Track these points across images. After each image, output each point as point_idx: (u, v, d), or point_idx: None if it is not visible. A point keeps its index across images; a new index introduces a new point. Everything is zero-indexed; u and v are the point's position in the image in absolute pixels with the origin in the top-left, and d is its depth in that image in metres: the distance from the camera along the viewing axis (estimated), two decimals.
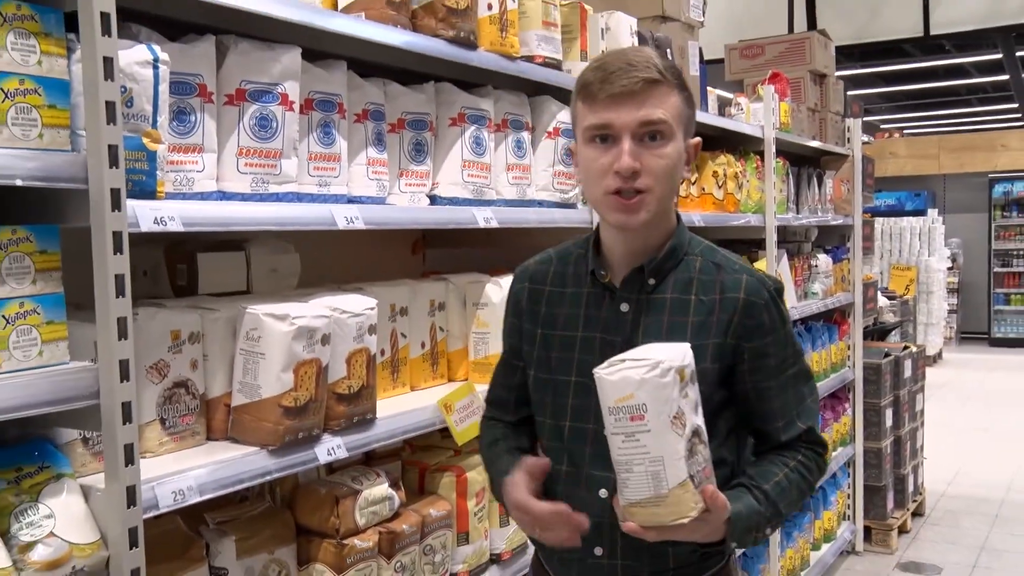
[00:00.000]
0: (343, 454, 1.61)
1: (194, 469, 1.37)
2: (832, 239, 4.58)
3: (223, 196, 1.53)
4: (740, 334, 1.36)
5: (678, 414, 1.19)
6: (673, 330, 1.36)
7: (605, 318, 1.41)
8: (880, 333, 5.36)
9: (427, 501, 1.88)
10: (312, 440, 1.57)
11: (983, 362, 10.76)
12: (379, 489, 1.72)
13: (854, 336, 4.46)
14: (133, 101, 1.31)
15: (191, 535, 1.52)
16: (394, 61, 1.97)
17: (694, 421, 1.22)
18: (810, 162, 4.29)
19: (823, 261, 4.12)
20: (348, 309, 1.64)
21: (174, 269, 1.75)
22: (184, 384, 1.50)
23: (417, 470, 2.01)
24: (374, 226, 1.70)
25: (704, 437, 1.25)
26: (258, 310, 1.51)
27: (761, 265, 3.40)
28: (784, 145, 3.75)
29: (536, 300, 1.49)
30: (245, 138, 1.55)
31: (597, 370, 1.23)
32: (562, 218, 2.25)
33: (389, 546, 1.71)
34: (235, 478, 1.42)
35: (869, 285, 4.73)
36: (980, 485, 5.56)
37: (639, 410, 1.18)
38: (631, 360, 1.21)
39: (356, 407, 1.66)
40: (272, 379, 1.50)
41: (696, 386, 1.25)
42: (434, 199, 1.98)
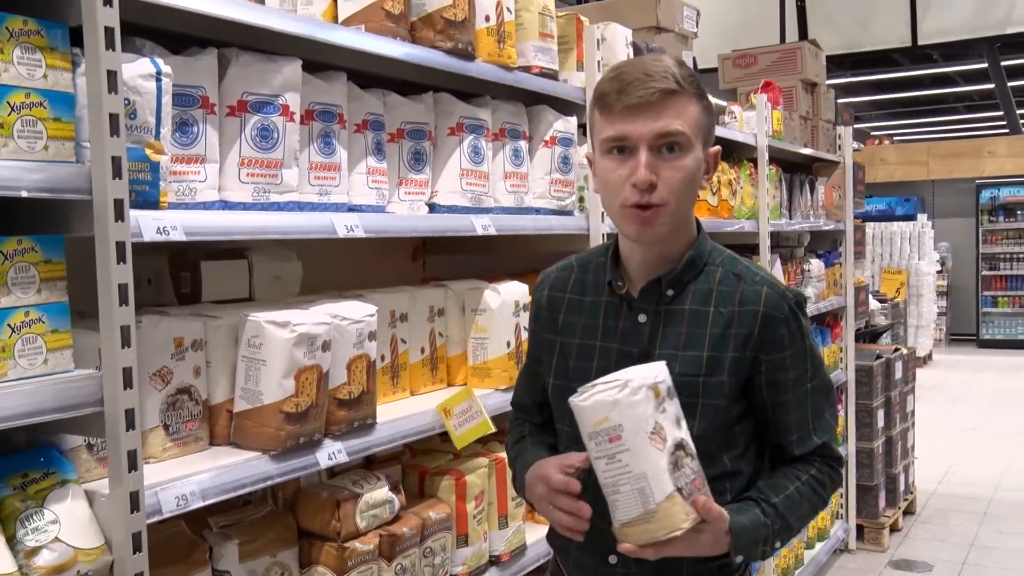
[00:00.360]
0: (344, 458, 1.63)
1: (197, 474, 1.38)
2: (824, 244, 4.61)
3: (225, 205, 1.54)
4: (759, 347, 1.33)
5: (656, 429, 1.19)
6: (691, 341, 1.34)
7: (623, 329, 1.39)
8: (871, 336, 5.39)
9: (427, 504, 1.89)
10: (313, 445, 1.58)
11: (972, 363, 10.81)
12: (379, 492, 1.74)
13: (846, 339, 4.49)
14: (136, 113, 1.33)
15: (195, 539, 1.53)
16: (393, 72, 1.99)
17: (676, 435, 1.21)
18: (802, 169, 4.33)
19: (815, 266, 4.15)
20: (348, 316, 1.66)
21: (178, 277, 1.76)
22: (187, 390, 1.51)
23: (417, 473, 2.02)
24: (374, 234, 1.72)
25: (691, 450, 1.23)
26: (259, 317, 1.53)
27: None
28: (777, 152, 3.78)
29: (555, 308, 1.48)
30: (247, 148, 1.56)
31: (572, 399, 1.23)
32: (559, 225, 2.27)
33: (389, 548, 1.73)
34: (237, 483, 1.43)
35: (860, 289, 4.76)
36: (969, 484, 5.59)
37: (616, 431, 1.18)
38: (602, 384, 1.21)
39: (356, 412, 1.68)
40: (273, 385, 1.51)
41: (676, 400, 1.24)
42: (433, 207, 2.00)
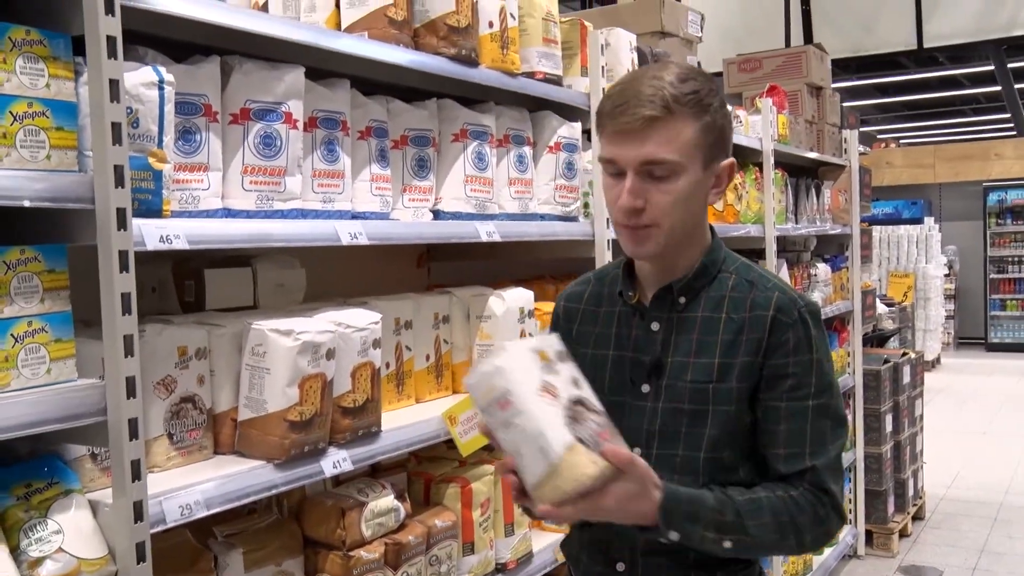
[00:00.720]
0: (349, 467, 1.62)
1: (201, 483, 1.38)
2: (831, 248, 4.60)
3: (228, 213, 1.54)
4: (766, 352, 1.32)
5: (545, 387, 1.18)
6: (702, 348, 1.34)
7: (636, 337, 1.40)
8: (879, 340, 5.37)
9: (432, 512, 1.89)
10: (318, 453, 1.58)
11: (980, 367, 10.77)
12: (385, 501, 1.73)
13: (853, 343, 4.47)
14: (139, 122, 1.32)
15: (200, 548, 1.53)
16: (397, 79, 1.99)
17: (573, 392, 1.20)
18: (808, 173, 4.32)
19: (822, 270, 4.14)
20: (352, 324, 1.65)
21: (182, 285, 1.75)
22: (191, 399, 1.51)
23: (422, 481, 2.01)
24: (378, 241, 1.72)
25: (595, 407, 1.21)
26: (263, 325, 1.52)
27: None
28: (782, 156, 3.77)
29: (571, 319, 1.50)
30: (250, 156, 1.56)
31: (463, 381, 1.23)
32: (563, 231, 2.26)
33: (395, 557, 1.72)
34: (242, 492, 1.43)
35: (868, 293, 4.75)
36: (979, 488, 5.56)
37: (504, 396, 1.18)
38: (485, 361, 1.22)
39: (361, 420, 1.67)
40: (278, 394, 1.51)
41: (571, 364, 1.23)
42: (437, 214, 2.00)
